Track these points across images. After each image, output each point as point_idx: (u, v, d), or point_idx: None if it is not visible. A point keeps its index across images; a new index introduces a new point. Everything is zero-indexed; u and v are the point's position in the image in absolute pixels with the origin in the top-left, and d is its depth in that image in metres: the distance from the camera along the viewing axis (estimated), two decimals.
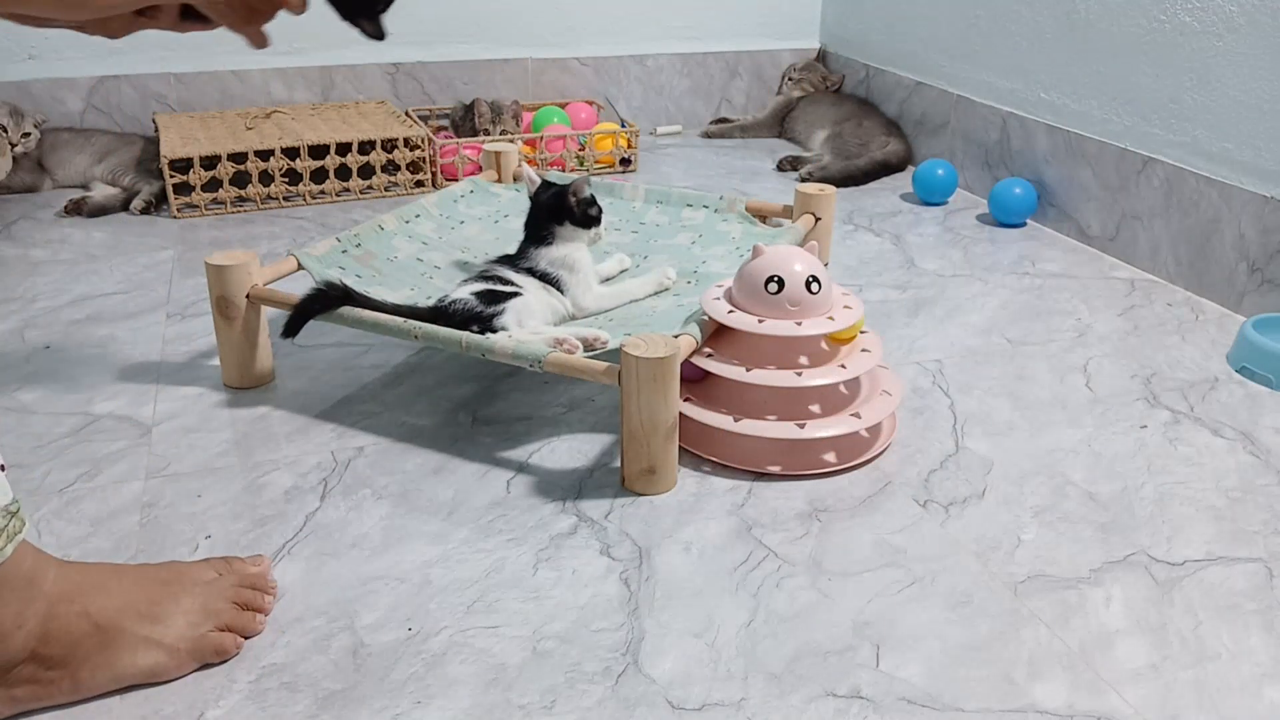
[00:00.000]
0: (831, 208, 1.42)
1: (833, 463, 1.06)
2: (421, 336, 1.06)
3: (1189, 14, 1.51)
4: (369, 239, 1.32)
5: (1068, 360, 1.33)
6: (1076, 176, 1.75)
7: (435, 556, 0.92)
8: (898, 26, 2.24)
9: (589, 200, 1.24)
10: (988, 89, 1.97)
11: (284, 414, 1.16)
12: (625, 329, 1.14)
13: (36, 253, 1.63)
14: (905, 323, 1.43)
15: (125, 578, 0.79)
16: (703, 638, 0.83)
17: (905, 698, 0.77)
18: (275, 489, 1.02)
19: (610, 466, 1.07)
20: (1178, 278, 1.57)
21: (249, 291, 1.16)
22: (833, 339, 1.10)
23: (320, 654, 0.80)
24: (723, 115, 2.51)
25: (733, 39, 2.47)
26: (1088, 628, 0.85)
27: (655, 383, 0.96)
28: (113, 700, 0.75)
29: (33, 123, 1.88)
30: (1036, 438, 1.14)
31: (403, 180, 1.94)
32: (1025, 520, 0.99)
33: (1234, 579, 0.91)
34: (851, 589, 0.89)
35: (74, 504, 0.98)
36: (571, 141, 2.06)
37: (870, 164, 2.10)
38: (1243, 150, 1.44)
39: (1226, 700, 0.78)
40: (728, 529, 0.97)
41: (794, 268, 1.05)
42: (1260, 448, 1.13)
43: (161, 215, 1.82)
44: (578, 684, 0.78)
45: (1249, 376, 1.28)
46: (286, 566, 0.90)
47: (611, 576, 0.90)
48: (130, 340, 1.33)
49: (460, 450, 1.09)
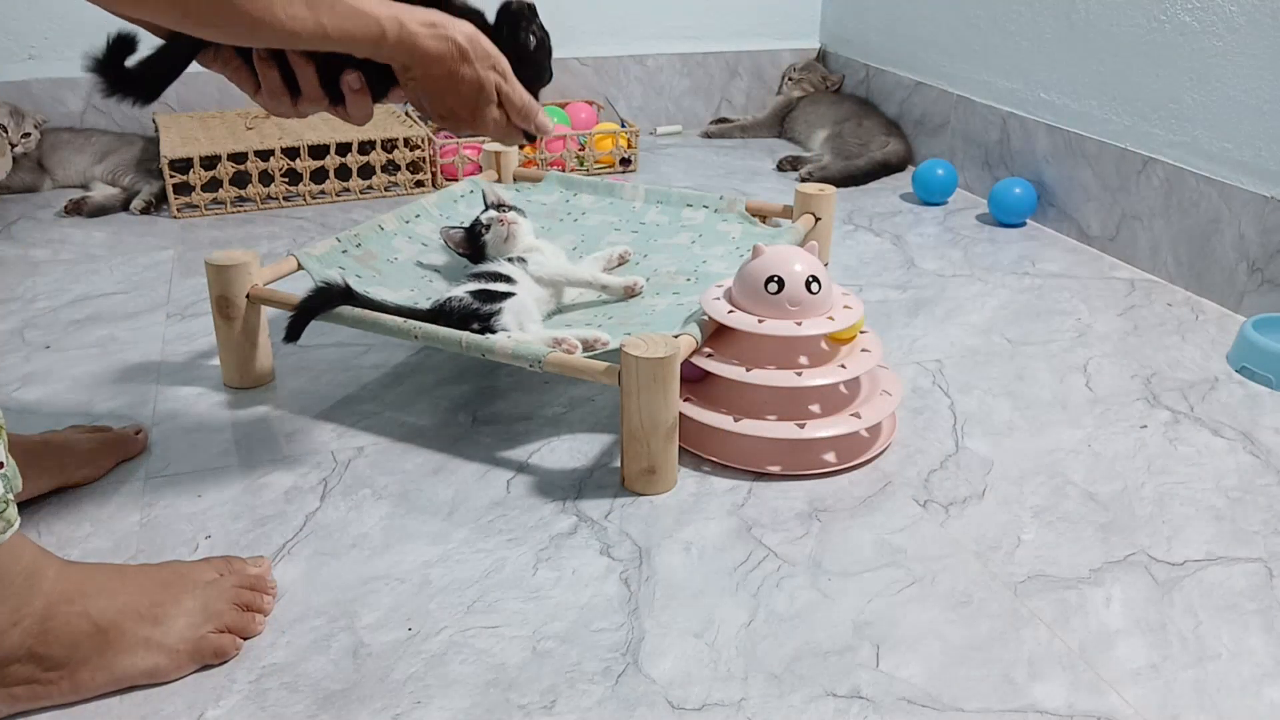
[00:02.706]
0: (831, 208, 1.42)
1: (833, 463, 1.06)
2: (421, 336, 1.06)
3: (1189, 14, 1.51)
4: (369, 239, 1.32)
5: (1068, 360, 1.33)
6: (1076, 176, 1.75)
7: (435, 556, 0.92)
8: (898, 26, 2.24)
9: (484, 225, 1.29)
10: (988, 89, 1.97)
11: (284, 414, 1.16)
12: (625, 329, 1.14)
13: (36, 253, 1.63)
14: (905, 323, 1.43)
15: (127, 579, 0.79)
16: (703, 638, 0.83)
17: (905, 698, 0.77)
18: (275, 489, 1.02)
19: (610, 466, 1.07)
20: (1178, 278, 1.57)
21: (249, 291, 1.15)
22: (833, 339, 1.10)
23: (320, 654, 0.80)
24: (723, 115, 2.51)
25: (733, 39, 2.47)
26: (1088, 628, 0.85)
27: (655, 383, 0.96)
28: (112, 700, 0.75)
29: (33, 123, 1.88)
30: (1036, 438, 1.14)
31: (403, 180, 1.94)
32: (1025, 520, 0.99)
33: (1234, 579, 0.91)
34: (851, 589, 0.89)
35: (74, 504, 0.98)
36: (571, 141, 2.06)
37: (870, 164, 2.10)
38: (1243, 150, 1.44)
39: (1226, 700, 0.78)
40: (728, 529, 0.97)
41: (794, 268, 1.05)
42: (1260, 448, 1.13)
43: (161, 215, 1.82)
44: (578, 684, 0.78)
45: (1249, 376, 1.28)
46: (286, 566, 0.90)
47: (611, 576, 0.90)
48: (130, 340, 1.33)
49: (460, 450, 1.09)
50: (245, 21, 0.68)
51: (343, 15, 0.73)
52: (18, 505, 0.71)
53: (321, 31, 0.72)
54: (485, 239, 1.28)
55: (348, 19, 0.73)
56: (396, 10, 0.77)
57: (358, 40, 0.75)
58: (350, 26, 0.73)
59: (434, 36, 0.78)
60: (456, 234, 1.31)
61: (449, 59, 0.80)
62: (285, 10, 0.69)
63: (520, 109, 0.87)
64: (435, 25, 0.79)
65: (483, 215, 1.30)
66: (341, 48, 0.76)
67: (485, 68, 0.82)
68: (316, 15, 0.71)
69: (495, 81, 0.84)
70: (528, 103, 0.87)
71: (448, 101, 0.84)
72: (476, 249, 1.29)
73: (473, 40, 0.81)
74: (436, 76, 0.81)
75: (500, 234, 1.27)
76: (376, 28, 0.75)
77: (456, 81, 0.82)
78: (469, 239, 1.30)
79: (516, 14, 0.92)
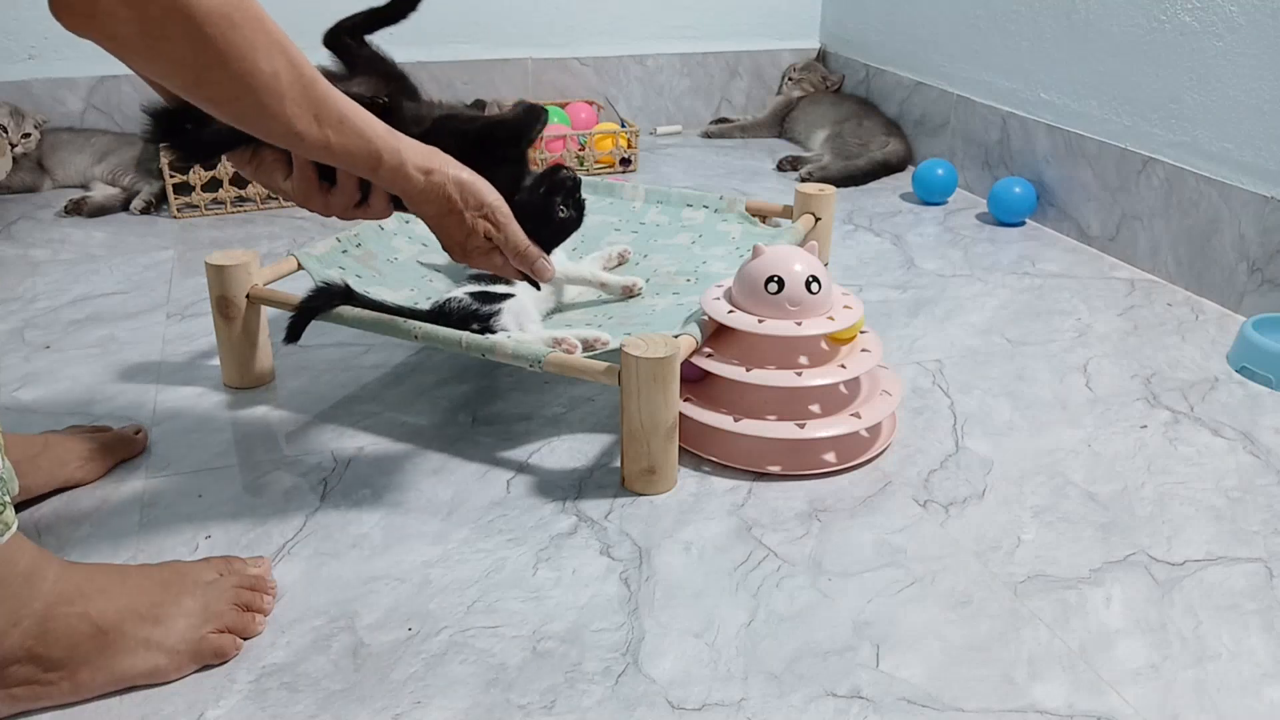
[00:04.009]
0: (831, 208, 1.42)
1: (833, 463, 1.06)
2: (421, 336, 1.06)
3: (1189, 14, 1.51)
4: (369, 239, 1.32)
5: (1068, 360, 1.33)
6: (1076, 176, 1.75)
7: (435, 556, 0.92)
8: (898, 26, 2.24)
9: None
10: (988, 89, 1.97)
11: (284, 414, 1.16)
12: (625, 329, 1.14)
13: (36, 253, 1.63)
14: (905, 323, 1.43)
15: (128, 580, 0.79)
16: (703, 638, 0.83)
17: (905, 698, 0.77)
18: (275, 489, 1.02)
19: (610, 466, 1.07)
20: (1178, 278, 1.57)
21: (249, 291, 1.15)
22: (833, 339, 1.10)
23: (320, 654, 0.81)
24: (723, 115, 2.51)
25: (733, 39, 2.47)
26: (1088, 628, 0.85)
27: (655, 383, 0.96)
28: (112, 700, 0.75)
29: (33, 123, 1.88)
30: (1036, 438, 1.14)
31: None
32: (1025, 520, 0.99)
33: (1234, 579, 0.91)
34: (851, 589, 0.89)
35: (74, 504, 0.98)
36: (571, 141, 2.06)
37: (870, 164, 2.10)
38: (1243, 150, 1.44)
39: (1226, 700, 0.78)
40: (728, 529, 0.97)
41: (794, 268, 1.05)
42: (1260, 448, 1.13)
43: (161, 215, 1.82)
44: (578, 684, 0.78)
45: (1249, 376, 1.28)
46: (286, 566, 0.90)
47: (611, 576, 0.90)
48: (130, 340, 1.33)
49: (460, 450, 1.09)
50: (253, 105, 0.68)
51: (348, 135, 0.74)
52: (18, 506, 0.71)
53: (325, 143, 0.73)
54: None
55: (351, 139, 0.74)
56: (401, 144, 0.77)
57: (356, 162, 0.76)
58: (352, 147, 0.74)
59: (426, 182, 0.79)
60: None
61: (438, 203, 0.81)
62: (293, 108, 0.69)
63: (518, 255, 0.87)
64: (430, 172, 0.79)
65: None
66: (341, 164, 0.76)
67: (476, 216, 0.83)
68: (321, 126, 0.72)
69: (485, 229, 0.84)
70: (524, 250, 0.87)
71: (442, 236, 0.85)
72: None
73: (464, 189, 0.82)
74: (428, 215, 0.83)
75: None
76: (375, 156, 0.76)
77: (446, 225, 0.83)
78: None
79: (560, 183, 0.92)
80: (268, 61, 0.67)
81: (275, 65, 0.67)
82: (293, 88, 0.69)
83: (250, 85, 0.67)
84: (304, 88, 0.69)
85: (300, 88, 0.69)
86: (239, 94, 0.67)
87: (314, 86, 0.70)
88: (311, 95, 0.70)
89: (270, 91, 0.68)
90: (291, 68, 0.68)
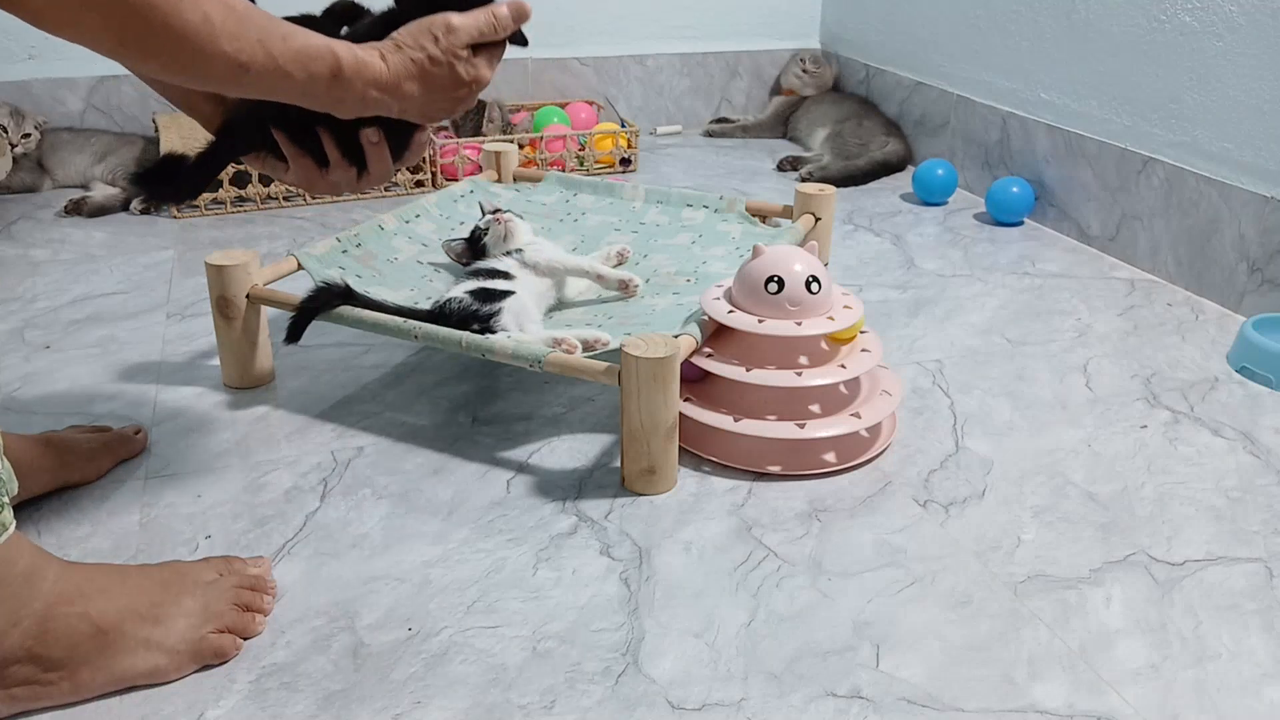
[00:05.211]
0: (831, 208, 1.42)
1: (833, 463, 1.06)
2: (421, 336, 1.06)
3: (1189, 14, 1.51)
4: (369, 239, 1.32)
5: (1068, 360, 1.33)
6: (1076, 176, 1.75)
7: (435, 556, 0.92)
8: (898, 26, 2.24)
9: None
10: (988, 89, 1.97)
11: (284, 414, 1.16)
12: (625, 329, 1.14)
13: (36, 253, 1.63)
14: (905, 323, 1.43)
15: (128, 580, 0.79)
16: (703, 638, 0.83)
17: (905, 698, 0.77)
18: (275, 489, 1.02)
19: (610, 466, 1.07)
20: (1178, 278, 1.57)
21: (249, 291, 1.15)
22: (833, 339, 1.10)
23: (320, 654, 0.81)
24: (723, 115, 2.51)
25: (733, 39, 2.47)
26: (1088, 628, 0.85)
27: (655, 383, 0.96)
28: (112, 700, 0.75)
29: (33, 123, 1.88)
30: (1036, 438, 1.14)
31: (403, 180, 1.94)
32: (1025, 520, 0.99)
33: (1234, 579, 0.91)
34: (851, 589, 0.89)
35: (74, 504, 0.98)
36: (571, 141, 2.06)
37: (870, 164, 2.10)
38: (1243, 150, 1.44)
39: (1226, 700, 0.78)
40: (728, 529, 0.97)
41: (794, 268, 1.05)
42: (1260, 448, 1.13)
43: (161, 215, 1.82)
44: (578, 684, 0.78)
45: (1249, 376, 1.28)
46: (286, 566, 0.90)
47: (611, 576, 0.90)
48: (130, 340, 1.33)
49: (460, 450, 1.09)
50: (187, 52, 0.66)
51: (297, 47, 0.72)
52: (17, 506, 0.71)
53: (273, 64, 0.70)
54: (485, 241, 1.28)
55: (302, 51, 0.72)
56: (353, 46, 0.76)
57: (316, 74, 0.73)
58: (306, 59, 0.72)
59: (393, 61, 0.77)
60: (457, 245, 1.31)
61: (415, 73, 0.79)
62: (232, 44, 0.68)
63: (494, 27, 0.82)
64: (385, 54, 0.78)
65: (480, 221, 1.31)
66: (302, 90, 0.74)
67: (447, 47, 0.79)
68: (267, 48, 0.70)
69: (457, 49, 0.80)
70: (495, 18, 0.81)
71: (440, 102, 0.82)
72: (478, 253, 1.29)
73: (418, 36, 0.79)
74: (411, 96, 0.80)
75: (499, 233, 1.28)
76: (333, 60, 0.74)
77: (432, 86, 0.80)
78: (470, 245, 1.30)
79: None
80: (193, 10, 0.65)
81: (203, 9, 0.66)
82: (227, 23, 0.67)
83: (181, 34, 0.65)
84: (239, 19, 0.68)
85: (235, 20, 0.68)
86: (170, 47, 0.66)
87: (251, 16, 0.69)
88: (251, 23, 0.69)
89: (203, 36, 0.66)
90: (222, 6, 0.67)
